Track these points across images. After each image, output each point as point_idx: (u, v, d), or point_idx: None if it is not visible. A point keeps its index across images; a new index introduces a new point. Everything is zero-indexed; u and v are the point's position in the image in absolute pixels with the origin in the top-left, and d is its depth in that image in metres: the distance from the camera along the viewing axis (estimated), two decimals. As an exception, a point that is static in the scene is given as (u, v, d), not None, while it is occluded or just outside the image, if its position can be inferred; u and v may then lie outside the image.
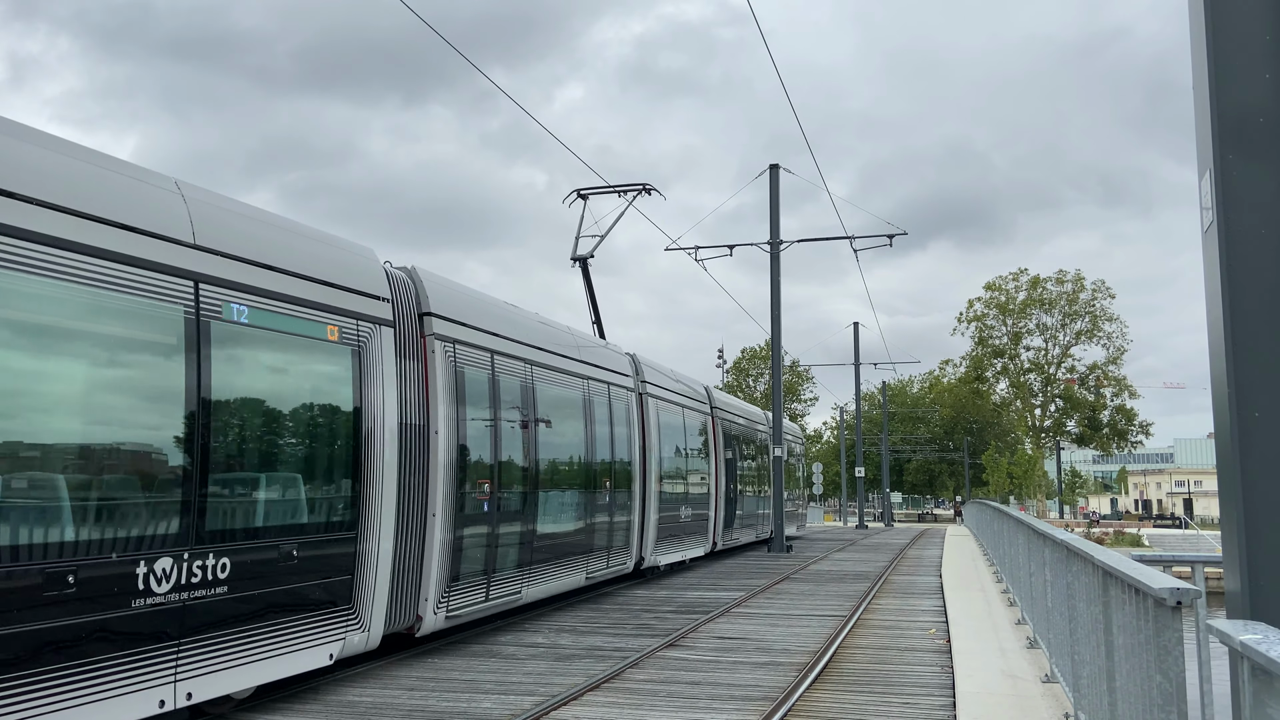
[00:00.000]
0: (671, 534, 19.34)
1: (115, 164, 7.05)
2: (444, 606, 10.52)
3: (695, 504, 21.34)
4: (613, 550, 15.97)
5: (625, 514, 16.61)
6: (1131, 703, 4.60)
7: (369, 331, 9.27)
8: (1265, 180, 4.66)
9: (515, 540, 12.11)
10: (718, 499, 23.31)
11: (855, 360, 56.68)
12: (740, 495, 26.40)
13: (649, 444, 18.03)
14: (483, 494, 11.30)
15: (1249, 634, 2.65)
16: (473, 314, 11.69)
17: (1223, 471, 4.73)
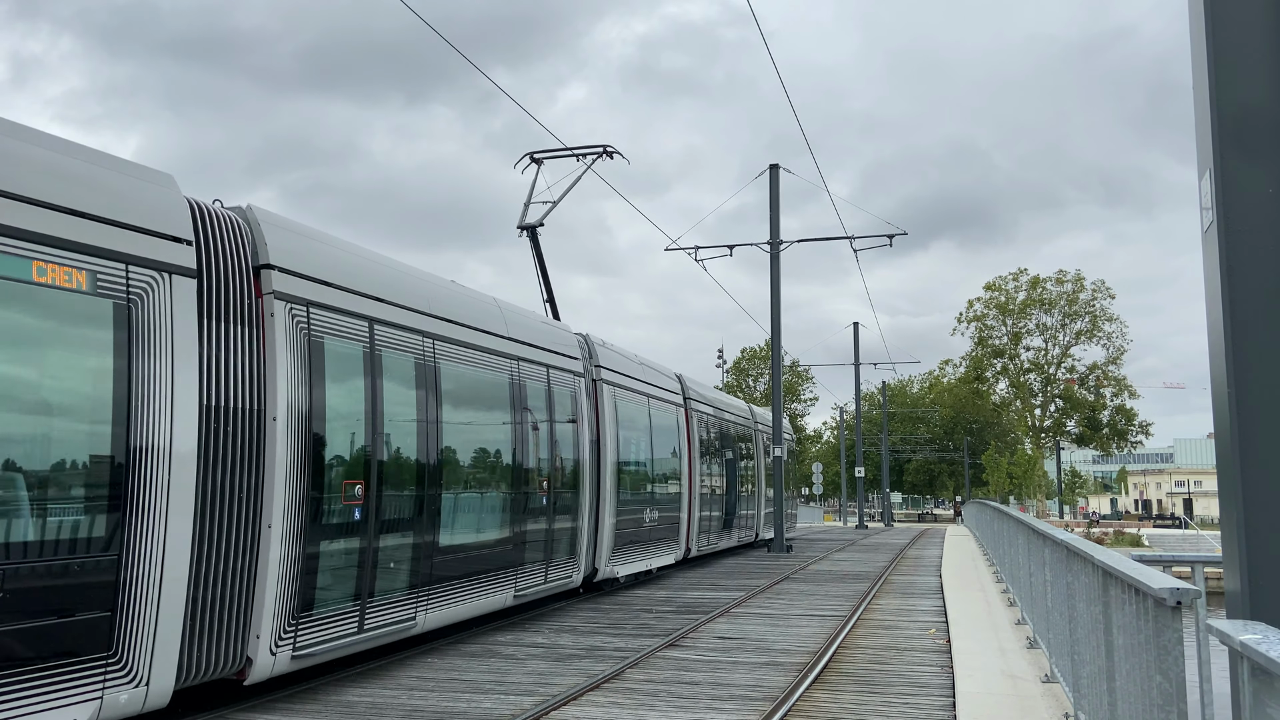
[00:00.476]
0: (634, 540, 17.20)
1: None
2: (288, 643, 8.23)
3: (665, 506, 19.12)
4: (553, 562, 13.64)
5: (571, 519, 14.25)
6: (1131, 703, 4.60)
7: (150, 283, 7.04)
8: (1265, 180, 4.66)
9: (406, 555, 9.90)
10: (692, 500, 20.92)
11: (855, 360, 56.70)
12: (721, 495, 24.10)
13: (604, 438, 15.75)
14: (353, 498, 9.09)
15: (1249, 634, 2.65)
16: (338, 270, 9.30)
17: (1223, 471, 4.73)
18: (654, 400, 18.92)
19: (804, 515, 66.23)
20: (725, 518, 24.60)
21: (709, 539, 22.74)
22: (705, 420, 22.87)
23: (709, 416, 23.41)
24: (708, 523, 22.47)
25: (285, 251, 8.65)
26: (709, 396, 24.37)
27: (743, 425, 27.77)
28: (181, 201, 7.61)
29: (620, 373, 17.08)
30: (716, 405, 24.79)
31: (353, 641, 9.07)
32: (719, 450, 24.20)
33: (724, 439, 24.91)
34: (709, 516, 22.60)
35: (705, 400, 23.52)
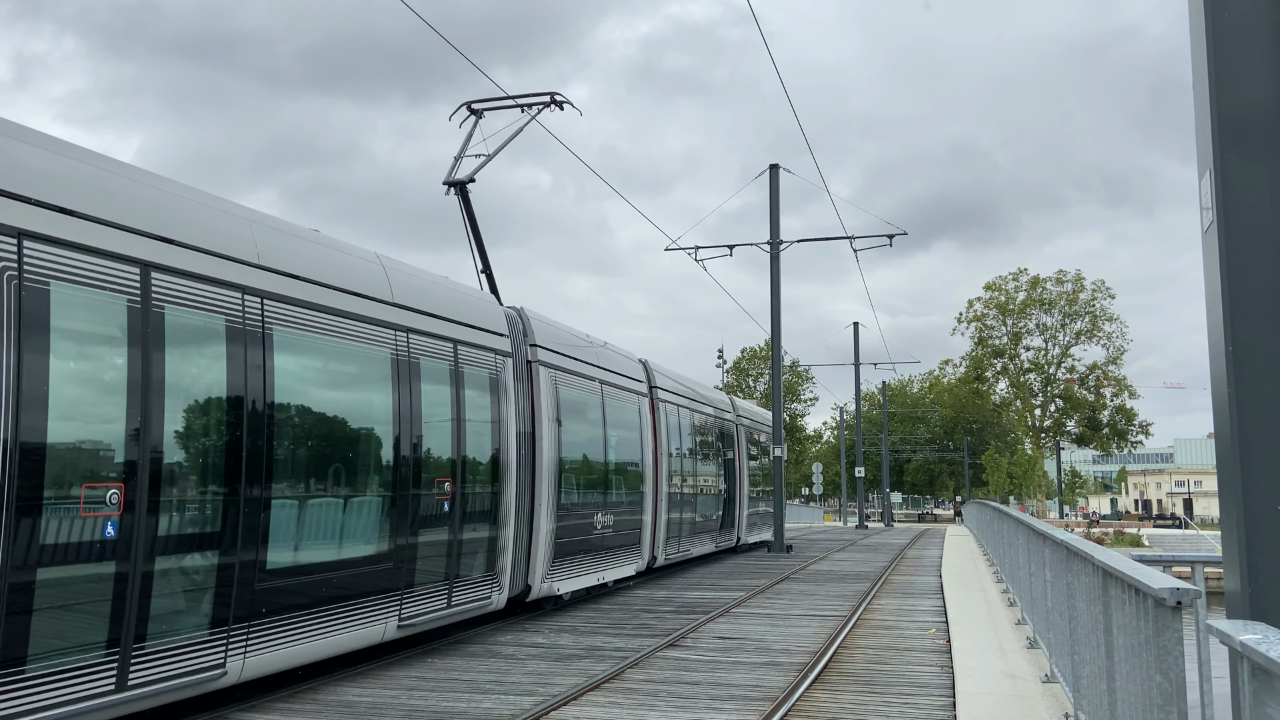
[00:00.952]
0: (582, 550, 14.65)
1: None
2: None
3: (623, 508, 16.66)
4: (461, 580, 11.02)
5: (486, 526, 11.62)
6: (1131, 703, 4.60)
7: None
8: (1265, 180, 4.66)
9: (200, 582, 7.48)
10: (659, 501, 18.49)
11: (855, 360, 56.71)
12: (694, 497, 21.42)
13: (540, 428, 13.24)
14: (100, 507, 6.58)
15: (1249, 634, 2.65)
16: (83, 192, 6.77)
17: (1223, 471, 4.73)
18: (609, 387, 16.27)
19: (804, 515, 66.33)
20: (699, 521, 21.92)
21: (679, 544, 20.17)
22: (675, 412, 20.29)
23: (679, 408, 20.70)
24: (677, 527, 19.91)
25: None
26: (680, 385, 21.30)
27: (720, 418, 24.90)
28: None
29: (558, 352, 14.22)
30: (689, 396, 21.77)
31: (108, 704, 6.62)
32: (692, 446, 21.55)
33: (698, 433, 22.22)
34: (679, 520, 20.10)
35: (675, 390, 20.66)
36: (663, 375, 19.94)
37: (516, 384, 12.72)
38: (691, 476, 21.39)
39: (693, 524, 21.30)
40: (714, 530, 23.45)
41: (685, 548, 20.77)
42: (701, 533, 22.21)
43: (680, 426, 20.65)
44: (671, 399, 20.18)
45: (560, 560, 13.77)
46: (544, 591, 13.26)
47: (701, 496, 22.36)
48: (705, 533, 22.54)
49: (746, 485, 27.11)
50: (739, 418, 27.05)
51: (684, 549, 20.66)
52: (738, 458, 26.35)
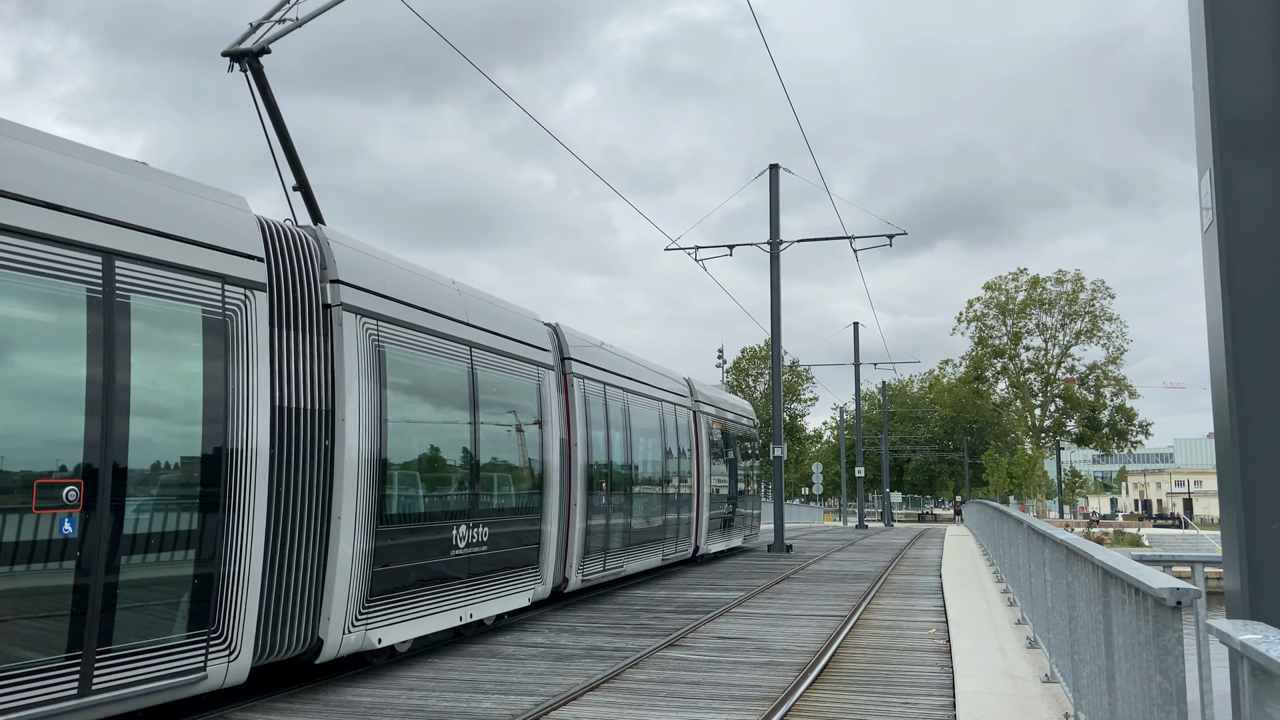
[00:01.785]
0: (432, 577, 10.34)
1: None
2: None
3: (506, 519, 12.13)
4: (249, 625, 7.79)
5: (233, 548, 7.66)
6: (1131, 703, 4.60)
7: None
8: (1265, 180, 4.66)
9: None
10: (572, 506, 14.49)
11: (855, 360, 56.73)
12: (629, 499, 17.12)
13: (364, 412, 9.31)
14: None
15: (1249, 634, 2.65)
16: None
17: (1223, 471, 4.73)
18: (484, 355, 11.98)
19: (804, 515, 66.29)
20: (639, 529, 17.78)
21: (610, 559, 16.13)
22: (600, 392, 16.23)
23: (607, 386, 16.62)
24: (603, 537, 15.86)
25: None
26: (610, 359, 17.26)
27: (671, 403, 20.53)
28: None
29: (400, 301, 10.33)
30: (623, 373, 17.70)
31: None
32: (627, 435, 17.41)
33: (638, 420, 18.13)
34: (605, 528, 15.98)
35: (601, 364, 16.55)
36: (582, 345, 15.91)
37: (318, 346, 8.98)
38: (626, 473, 17.15)
39: (627, 532, 16.97)
40: (662, 539, 19.16)
41: (616, 563, 16.38)
42: (642, 543, 17.89)
43: (608, 410, 16.52)
44: (595, 374, 16.02)
45: (390, 595, 9.50)
46: (362, 643, 9.21)
47: (643, 498, 18.04)
48: (648, 543, 18.26)
49: (708, 484, 22.66)
50: (699, 404, 22.87)
51: (614, 564, 16.29)
52: (696, 451, 22.11)
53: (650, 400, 19.10)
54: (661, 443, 19.70)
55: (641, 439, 18.29)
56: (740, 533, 26.52)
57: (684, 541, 20.90)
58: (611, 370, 16.99)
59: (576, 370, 15.25)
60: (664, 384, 20.34)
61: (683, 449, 21.13)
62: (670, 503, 19.90)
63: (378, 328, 9.69)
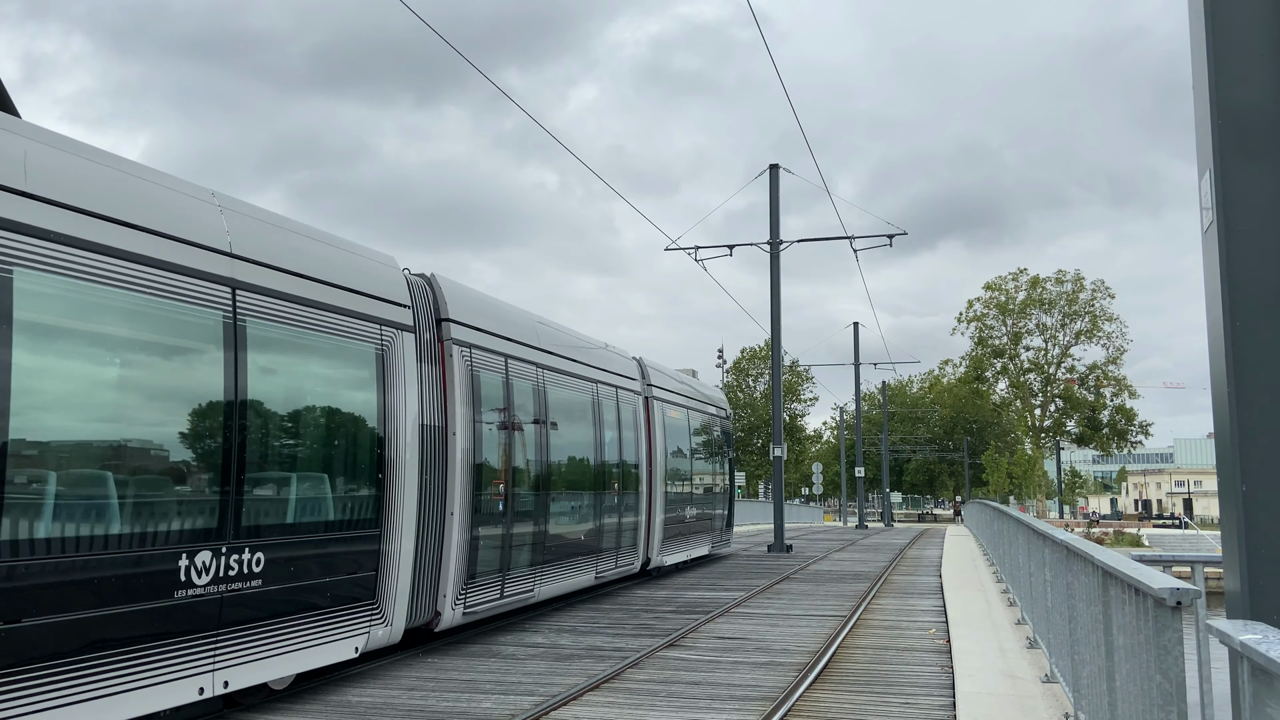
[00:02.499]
0: (151, 633, 6.88)
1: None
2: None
3: (305, 538, 8.59)
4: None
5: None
6: (1131, 703, 4.60)
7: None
8: (1265, 180, 4.66)
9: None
10: (449, 516, 10.85)
11: (855, 360, 56.74)
12: (553, 503, 13.65)
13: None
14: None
15: (1249, 634, 2.65)
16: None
17: (1223, 471, 4.73)
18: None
19: (804, 515, 66.33)
20: (559, 542, 13.94)
21: (504, 585, 12.03)
22: (493, 364, 12.17)
23: (509, 359, 12.62)
24: (499, 555, 11.92)
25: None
26: (513, 323, 13.18)
27: (605, 383, 16.52)
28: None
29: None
30: (529, 343, 13.50)
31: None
32: (540, 422, 13.51)
33: (555, 402, 14.05)
34: (504, 542, 12.08)
35: (494, 329, 12.41)
36: (470, 303, 11.89)
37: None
38: (541, 470, 13.31)
39: (540, 546, 13.12)
40: (596, 552, 15.46)
41: (521, 588, 12.53)
42: (565, 559, 14.07)
43: (510, 390, 12.50)
44: (490, 343, 12.10)
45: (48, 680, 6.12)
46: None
47: (565, 501, 14.38)
48: (574, 558, 14.47)
49: (663, 484, 18.79)
50: (652, 389, 18.92)
51: (518, 590, 12.44)
52: (649, 444, 18.41)
53: (580, 381, 15.23)
54: (596, 433, 15.75)
55: (565, 427, 14.43)
56: (706, 539, 22.51)
57: (628, 553, 17.13)
58: (517, 340, 12.96)
59: (459, 336, 11.25)
60: (602, 361, 16.66)
61: (629, 441, 17.31)
62: (608, 507, 16.03)
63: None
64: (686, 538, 20.71)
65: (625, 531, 16.96)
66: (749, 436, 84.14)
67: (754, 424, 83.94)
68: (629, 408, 17.60)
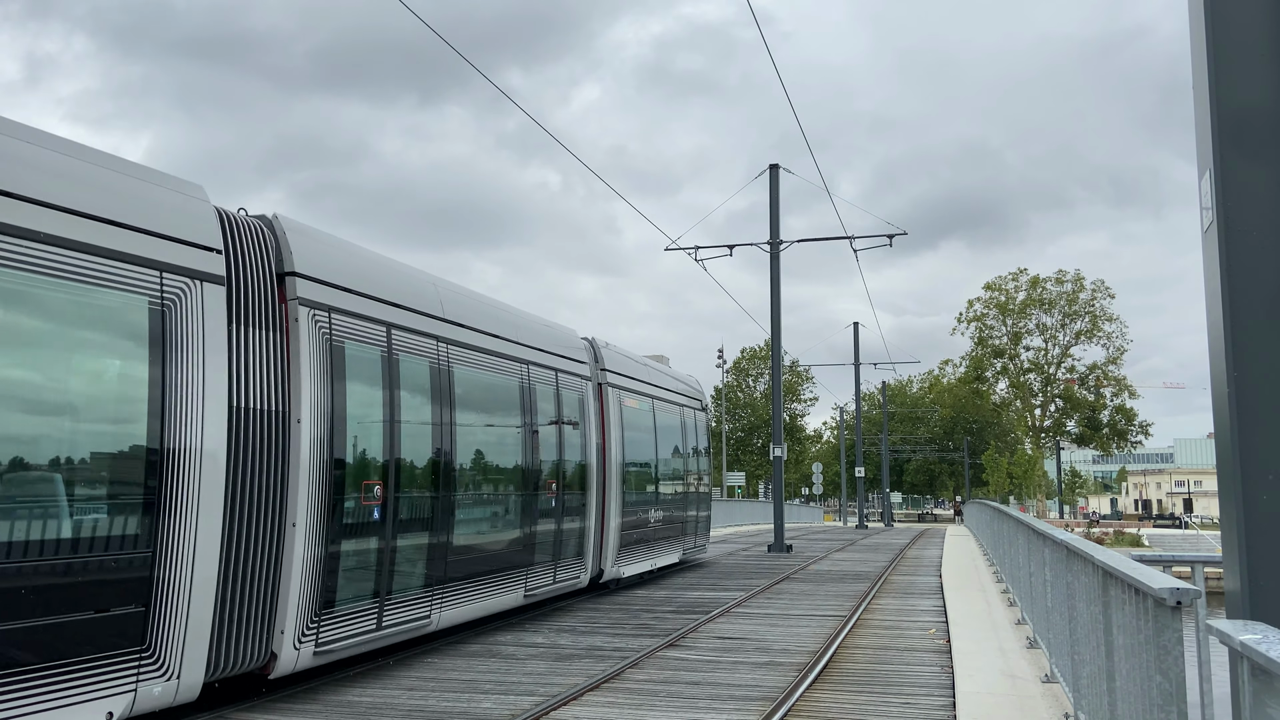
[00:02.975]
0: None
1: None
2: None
3: (52, 563, 6.35)
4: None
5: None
6: (1131, 703, 4.60)
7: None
8: (1265, 180, 4.66)
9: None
10: (294, 530, 8.45)
11: (855, 360, 56.74)
12: (459, 509, 11.17)
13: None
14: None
15: (1249, 634, 2.65)
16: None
17: (1223, 471, 4.73)
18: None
19: (804, 515, 66.33)
20: (476, 554, 11.69)
21: (393, 609, 9.75)
22: (369, 335, 9.79)
23: (410, 334, 10.46)
24: (394, 574, 9.81)
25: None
26: (447, 304, 11.48)
27: (544, 365, 13.98)
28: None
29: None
30: (480, 329, 12.15)
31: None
32: (444, 410, 11.02)
33: (473, 389, 11.87)
34: (391, 558, 9.73)
35: (382, 296, 10.14)
36: (324, 254, 9.36)
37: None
38: (445, 468, 10.90)
39: (437, 563, 10.55)
40: (522, 566, 12.78)
41: (408, 615, 9.99)
42: (477, 575, 11.57)
43: (389, 366, 10.01)
44: (355, 306, 9.56)
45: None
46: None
47: (479, 506, 12.06)
48: (490, 574, 11.92)
49: (619, 484, 16.41)
50: (607, 374, 16.51)
51: (402, 618, 9.89)
52: (603, 437, 16.05)
53: (504, 362, 12.65)
54: (526, 423, 13.19)
55: (480, 416, 12.11)
56: (676, 545, 19.89)
57: (570, 565, 14.43)
58: (409, 307, 10.48)
59: (311, 295, 8.86)
60: (538, 340, 13.91)
61: (572, 434, 14.79)
62: (542, 511, 13.46)
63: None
64: (651, 544, 18.15)
65: (567, 540, 14.30)
66: (749, 436, 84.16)
67: (754, 424, 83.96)
68: (573, 395, 14.99)
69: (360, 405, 9.54)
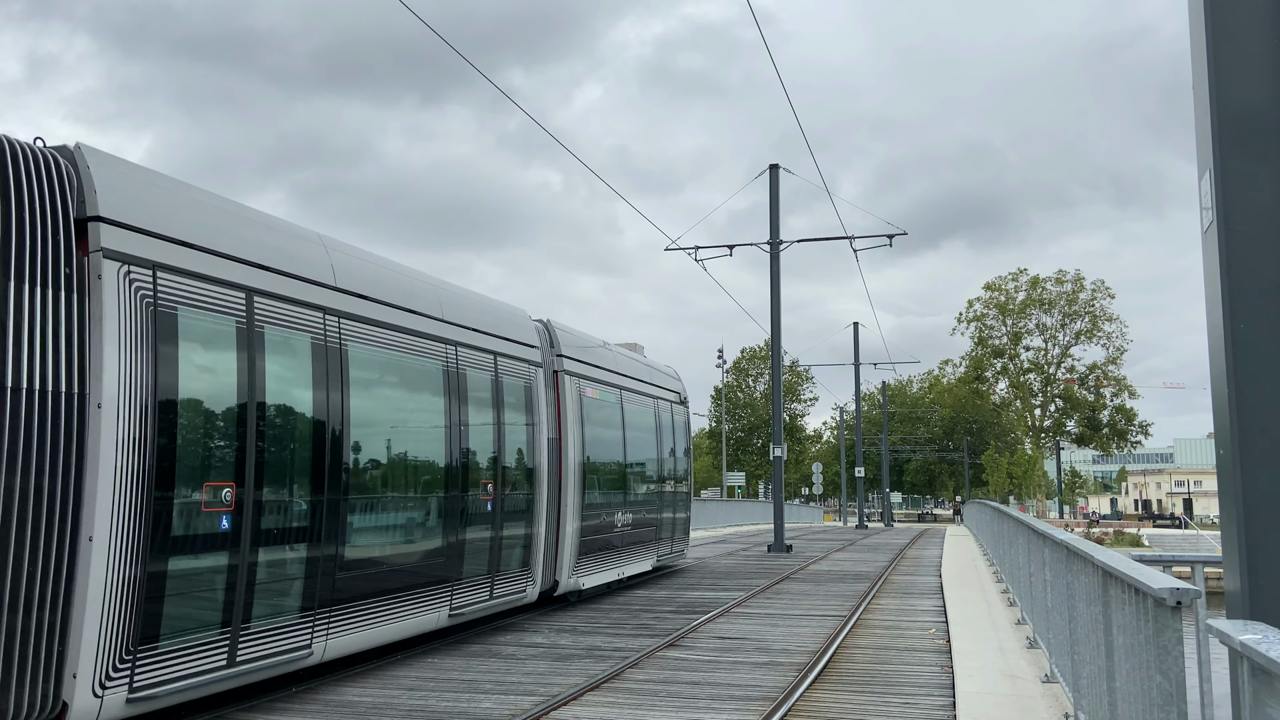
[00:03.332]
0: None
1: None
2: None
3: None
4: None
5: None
6: (1131, 703, 4.60)
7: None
8: (1265, 180, 4.66)
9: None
10: (89, 545, 6.55)
11: (855, 360, 56.75)
12: (353, 515, 9.34)
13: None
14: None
15: (1249, 634, 2.65)
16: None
17: (1223, 471, 4.73)
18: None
19: (804, 515, 66.36)
20: (379, 567, 9.90)
21: (188, 663, 7.36)
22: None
23: (289, 304, 8.77)
24: (193, 604, 7.55)
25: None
26: (349, 273, 9.79)
27: (504, 362, 12.51)
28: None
29: None
30: (389, 303, 10.35)
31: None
32: (331, 396, 9.23)
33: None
34: (195, 584, 7.59)
35: (269, 279, 8.56)
36: (160, 204, 7.66)
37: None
38: (311, 469, 8.89)
39: (318, 582, 8.82)
40: (445, 581, 10.89)
41: (276, 648, 8.29)
42: (380, 594, 9.77)
43: (250, 339, 8.24)
44: (186, 262, 7.69)
45: None
46: None
47: (376, 513, 9.96)
48: (399, 592, 10.09)
49: (578, 484, 14.46)
50: (565, 360, 14.51)
51: (266, 651, 8.18)
52: (557, 431, 14.16)
53: (420, 341, 10.68)
54: (452, 413, 11.17)
55: (388, 404, 10.29)
56: (649, 551, 18.11)
57: (512, 577, 12.37)
58: (282, 270, 8.70)
59: (118, 246, 7.02)
60: (472, 319, 11.89)
61: (517, 426, 12.75)
62: (475, 515, 11.51)
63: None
64: (618, 551, 16.29)
65: (508, 548, 12.25)
66: (749, 436, 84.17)
67: (754, 424, 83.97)
68: (518, 382, 12.81)
69: (202, 388, 7.71)
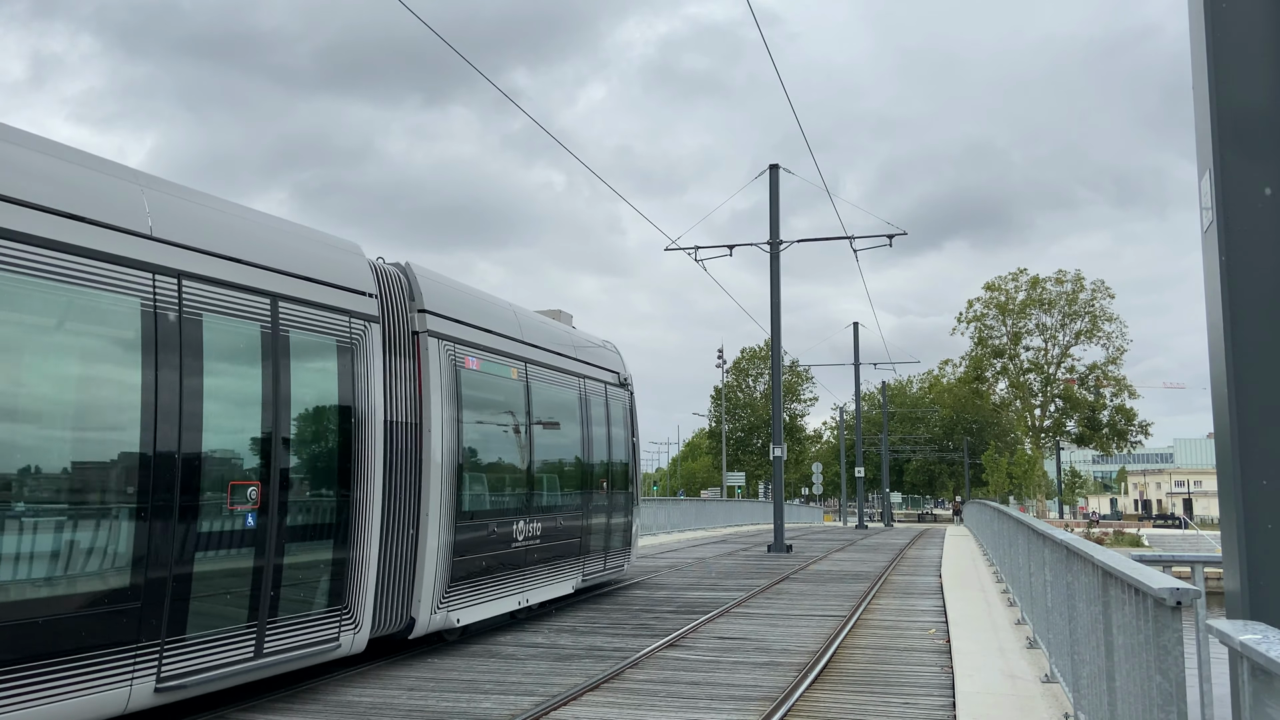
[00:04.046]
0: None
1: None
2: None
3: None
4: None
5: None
6: (1131, 703, 4.60)
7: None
8: (1265, 180, 4.66)
9: None
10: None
11: (855, 360, 56.74)
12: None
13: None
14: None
15: (1249, 634, 2.65)
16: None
17: (1222, 471, 4.73)
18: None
19: (804, 515, 66.34)
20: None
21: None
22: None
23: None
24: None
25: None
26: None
27: (324, 316, 8.86)
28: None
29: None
30: (65, 209, 6.47)
31: None
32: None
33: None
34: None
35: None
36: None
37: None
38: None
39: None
40: (142, 641, 6.71)
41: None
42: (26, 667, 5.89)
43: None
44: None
45: None
46: None
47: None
48: (56, 656, 6.08)
49: (449, 484, 10.62)
50: (426, 315, 10.54)
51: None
52: (417, 413, 10.32)
53: (108, 269, 6.73)
54: (160, 388, 7.03)
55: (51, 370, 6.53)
56: (572, 567, 14.18)
57: (305, 623, 8.44)
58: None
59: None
60: (261, 254, 8.24)
61: (324, 406, 8.98)
62: (211, 535, 7.45)
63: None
64: (520, 571, 12.40)
65: (293, 582, 8.33)
66: (749, 436, 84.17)
67: (754, 424, 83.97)
68: (326, 341, 8.96)
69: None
